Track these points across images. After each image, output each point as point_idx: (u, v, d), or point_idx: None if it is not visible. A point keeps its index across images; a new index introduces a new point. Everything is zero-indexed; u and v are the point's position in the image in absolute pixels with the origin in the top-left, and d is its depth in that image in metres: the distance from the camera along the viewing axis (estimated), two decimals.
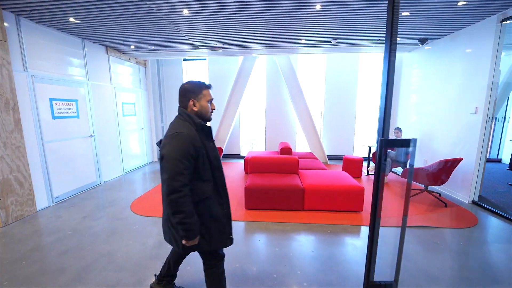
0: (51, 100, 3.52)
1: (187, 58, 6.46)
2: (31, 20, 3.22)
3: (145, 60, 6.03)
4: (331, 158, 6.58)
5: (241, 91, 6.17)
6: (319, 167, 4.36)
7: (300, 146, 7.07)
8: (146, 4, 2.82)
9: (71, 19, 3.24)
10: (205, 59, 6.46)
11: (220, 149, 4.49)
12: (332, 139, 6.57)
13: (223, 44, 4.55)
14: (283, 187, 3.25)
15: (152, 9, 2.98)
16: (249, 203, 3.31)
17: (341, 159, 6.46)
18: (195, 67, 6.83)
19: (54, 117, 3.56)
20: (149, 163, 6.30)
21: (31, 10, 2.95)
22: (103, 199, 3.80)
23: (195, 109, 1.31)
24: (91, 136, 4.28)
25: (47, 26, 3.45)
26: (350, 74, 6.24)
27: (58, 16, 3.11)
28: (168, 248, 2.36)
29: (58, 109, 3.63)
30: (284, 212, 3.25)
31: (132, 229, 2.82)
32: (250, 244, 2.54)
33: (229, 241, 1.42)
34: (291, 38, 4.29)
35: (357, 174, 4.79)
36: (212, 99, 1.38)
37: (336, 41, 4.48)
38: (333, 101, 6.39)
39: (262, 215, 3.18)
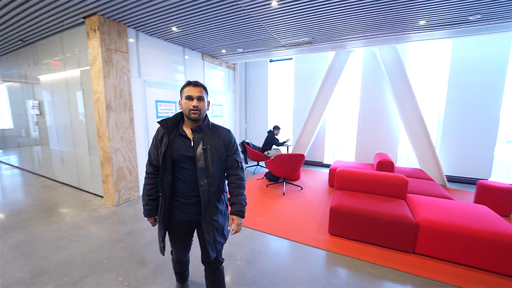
0: (156, 101, 4.04)
1: (273, 58, 6.31)
2: (146, 33, 3.77)
3: (234, 64, 6.29)
4: (453, 180, 4.85)
5: (330, 91, 5.46)
6: (439, 194, 3.15)
7: (403, 159, 5.63)
8: (235, 1, 2.71)
9: (174, 28, 3.57)
10: (291, 58, 6.12)
11: (301, 155, 4.00)
12: (455, 154, 4.83)
13: (312, 38, 4.04)
14: (385, 216, 2.44)
15: (241, 6, 2.85)
16: (335, 227, 2.68)
17: (472, 184, 4.66)
18: (281, 68, 6.62)
19: (158, 117, 4.08)
20: None
21: (145, 24, 3.41)
22: None
23: (180, 107, 1.39)
24: None
25: (157, 37, 3.97)
26: (490, 64, 4.37)
27: (164, 26, 3.48)
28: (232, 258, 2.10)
29: (161, 109, 4.13)
30: (384, 251, 2.43)
31: None
32: (332, 284, 1.95)
33: (160, 249, 1.51)
34: (403, 21, 3.30)
35: (505, 211, 3.21)
36: (190, 96, 1.33)
37: (479, 16, 3.14)
38: (459, 101, 4.67)
39: (352, 247, 2.48)
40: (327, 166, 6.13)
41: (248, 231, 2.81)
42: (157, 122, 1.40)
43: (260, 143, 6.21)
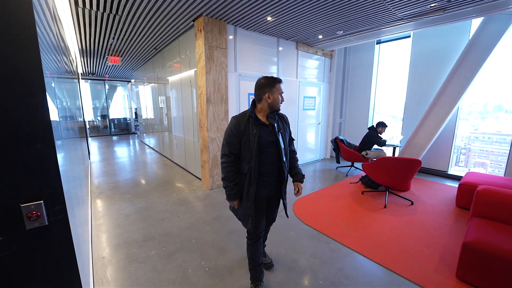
0: (249, 94, 4.14)
1: (382, 39, 5.20)
2: (242, 27, 3.86)
3: (332, 51, 5.64)
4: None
5: (470, 74, 3.92)
6: None
7: None
8: None
9: (268, 18, 3.46)
10: (409, 35, 4.82)
11: (417, 161, 3.07)
12: None
13: (447, 1, 2.92)
14: None
15: None
16: (468, 272, 1.83)
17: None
18: (392, 50, 5.39)
19: None
20: (321, 159, 6.04)
21: (243, 18, 3.47)
22: None
23: (269, 101, 1.56)
24: None
25: (252, 30, 4.00)
26: None
27: (259, 17, 3.43)
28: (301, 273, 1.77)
29: None
30: None
31: (287, 235, 2.56)
32: None
33: (250, 223, 1.64)
34: None
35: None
36: (282, 92, 1.60)
37: None
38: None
39: None
40: (453, 177, 4.56)
41: (334, 244, 2.38)
42: (248, 116, 1.56)
43: (356, 141, 5.37)
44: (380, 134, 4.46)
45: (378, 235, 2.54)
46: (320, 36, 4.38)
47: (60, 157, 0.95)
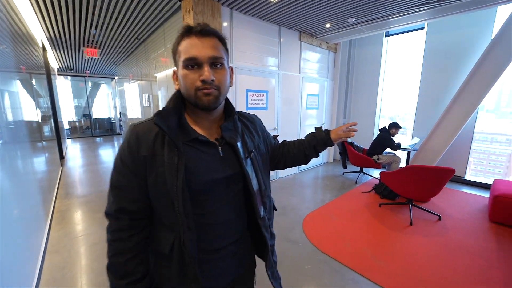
0: (247, 91, 3.55)
1: (392, 31, 4.73)
2: (240, 11, 3.27)
3: (336, 44, 5.12)
4: None
5: (495, 71, 3.48)
6: None
7: None
8: None
9: None
10: (423, 26, 4.35)
11: (450, 170, 2.57)
12: None
13: None
14: None
15: None
16: None
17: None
18: (402, 43, 4.93)
19: (247, 108, 3.60)
20: (324, 163, 5.53)
21: None
22: (277, 200, 3.42)
23: (176, 85, 0.70)
24: (275, 129, 4.11)
25: (251, 15, 3.41)
26: None
27: None
28: None
29: (251, 100, 3.63)
30: None
31: (303, 270, 2.00)
32: None
33: None
34: None
35: None
36: (195, 58, 0.62)
37: None
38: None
39: None
40: (472, 184, 4.14)
41: (365, 284, 1.84)
42: (148, 122, 0.67)
43: (364, 143, 4.89)
44: (393, 136, 3.99)
45: (415, 267, 2.01)
46: (328, 25, 3.84)
47: None
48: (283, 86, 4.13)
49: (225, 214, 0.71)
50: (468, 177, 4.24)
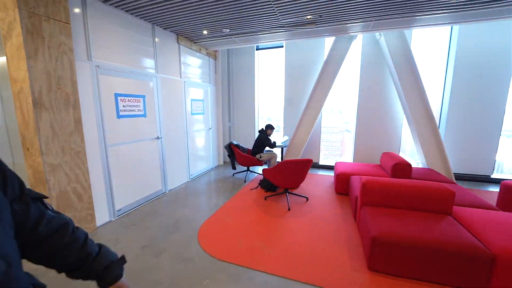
0: (116, 95, 2.97)
1: (261, 45, 5.47)
2: None
3: (216, 51, 5.32)
4: (456, 177, 4.56)
5: (329, 83, 4.81)
6: (478, 203, 2.65)
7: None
8: None
9: None
10: (282, 45, 5.34)
11: (309, 160, 3.28)
12: (456, 150, 4.55)
13: (319, 17, 3.30)
14: (447, 247, 1.81)
15: None
16: (377, 262, 2.00)
17: (475, 181, 4.41)
18: (269, 57, 5.81)
19: (119, 116, 3.01)
20: (215, 167, 5.62)
21: None
22: (167, 217, 3.09)
23: None
24: (158, 137, 3.70)
25: (115, 7, 2.88)
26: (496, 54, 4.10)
27: None
28: None
29: (124, 106, 3.07)
30: None
31: (201, 286, 1.88)
32: None
33: None
34: None
35: None
36: None
37: None
38: (464, 93, 4.36)
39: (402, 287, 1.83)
40: (324, 167, 5.54)
41: (259, 277, 1.98)
42: None
43: (247, 144, 5.38)
44: (270, 136, 4.63)
45: (294, 246, 2.40)
46: (205, 32, 3.89)
47: None
48: (164, 90, 3.79)
49: None
50: (321, 162, 5.64)
